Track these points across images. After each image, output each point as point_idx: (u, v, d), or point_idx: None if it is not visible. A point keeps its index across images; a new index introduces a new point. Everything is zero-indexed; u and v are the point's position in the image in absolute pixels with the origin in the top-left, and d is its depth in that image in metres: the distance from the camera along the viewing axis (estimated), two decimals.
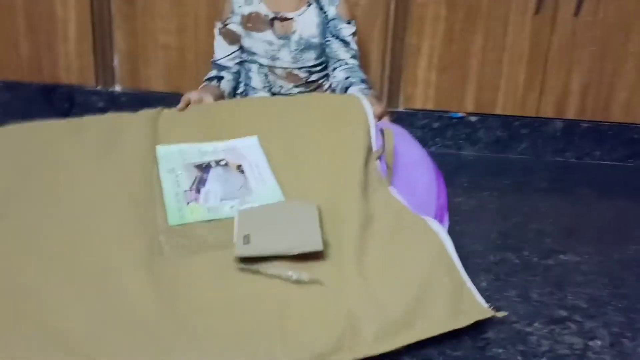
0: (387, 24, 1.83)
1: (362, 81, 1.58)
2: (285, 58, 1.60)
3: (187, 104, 1.42)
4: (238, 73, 1.65)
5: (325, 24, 1.61)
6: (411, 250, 1.13)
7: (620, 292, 1.22)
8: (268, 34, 1.58)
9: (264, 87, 1.63)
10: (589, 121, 1.89)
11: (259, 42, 1.59)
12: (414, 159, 1.36)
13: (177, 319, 0.96)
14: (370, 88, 1.57)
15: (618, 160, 1.92)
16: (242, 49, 1.63)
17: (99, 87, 1.87)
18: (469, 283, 1.10)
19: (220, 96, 1.55)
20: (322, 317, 0.99)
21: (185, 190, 1.22)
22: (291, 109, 1.41)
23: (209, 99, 1.45)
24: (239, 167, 1.28)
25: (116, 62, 1.86)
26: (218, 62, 1.63)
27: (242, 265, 1.06)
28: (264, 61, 1.60)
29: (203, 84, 1.59)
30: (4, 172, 1.20)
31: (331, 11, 1.60)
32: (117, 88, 1.88)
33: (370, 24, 1.82)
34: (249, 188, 1.24)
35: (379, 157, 1.31)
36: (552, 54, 1.83)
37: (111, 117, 1.35)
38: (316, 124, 1.36)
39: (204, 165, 1.27)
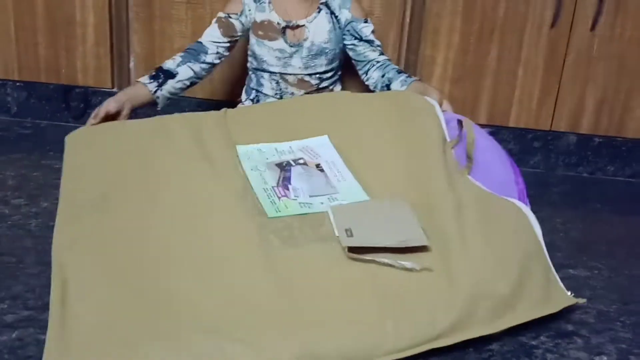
0: (402, 35, 1.83)
1: (399, 72, 1.58)
2: (297, 65, 1.60)
3: (102, 120, 1.37)
4: (208, 67, 1.57)
5: (339, 28, 1.61)
6: (508, 233, 1.18)
7: (629, 309, 1.20)
8: (280, 43, 1.59)
9: (275, 94, 1.63)
10: (603, 136, 1.88)
11: (271, 50, 1.59)
12: (486, 146, 1.37)
13: (297, 304, 1.01)
14: (409, 76, 1.56)
15: (631, 176, 1.90)
16: (232, 47, 1.61)
17: (114, 89, 1.88)
18: (553, 269, 1.15)
19: (147, 104, 1.49)
20: (439, 300, 1.04)
21: (273, 187, 1.24)
22: (355, 106, 1.43)
23: (126, 112, 1.41)
24: (317, 165, 1.30)
25: (132, 64, 1.88)
26: (201, 41, 1.56)
27: (353, 255, 1.09)
28: (275, 69, 1.61)
29: (141, 80, 1.50)
30: (102, 169, 1.23)
31: (344, 15, 1.60)
32: None
33: (385, 34, 1.82)
34: (333, 186, 1.26)
35: (453, 147, 1.33)
36: (567, 67, 1.82)
37: (187, 116, 1.37)
38: (383, 118, 1.39)
39: (284, 164, 1.29)
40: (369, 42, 1.62)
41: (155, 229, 1.12)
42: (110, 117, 1.39)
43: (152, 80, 1.49)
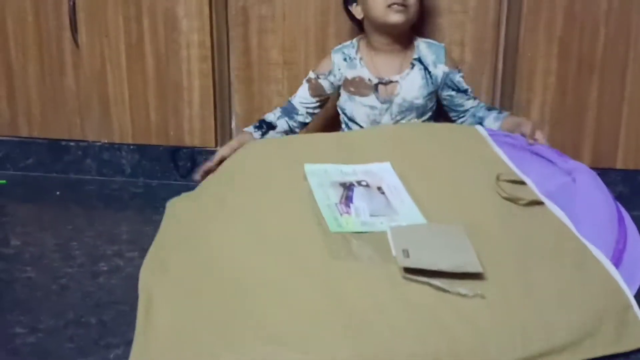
0: (495, 80, 1.82)
1: (489, 109, 1.60)
2: (386, 121, 1.63)
3: (220, 162, 1.58)
4: (299, 125, 1.70)
5: (432, 84, 1.63)
6: (574, 275, 1.16)
7: None
8: (372, 99, 1.62)
9: None
10: None
11: (361, 106, 1.63)
12: (596, 192, 1.37)
13: (356, 318, 1.05)
14: (500, 111, 1.58)
15: None
16: (322, 106, 1.68)
17: (217, 147, 1.99)
18: (635, 307, 1.11)
19: None
20: (490, 331, 1.03)
21: (336, 203, 1.30)
22: (417, 135, 1.52)
23: None
24: (379, 188, 1.34)
25: (234, 124, 1.99)
26: (292, 101, 1.68)
27: (408, 276, 1.12)
28: (364, 124, 1.64)
29: (247, 129, 1.71)
30: (191, 214, 1.43)
31: (440, 69, 1.62)
32: None
33: (477, 80, 1.81)
34: (393, 208, 1.29)
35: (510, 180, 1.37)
36: None
37: (260, 144, 1.61)
38: (442, 148, 1.46)
39: (347, 184, 1.35)
40: (465, 91, 1.63)
41: (231, 252, 1.23)
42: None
43: (256, 130, 1.67)
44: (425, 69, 1.62)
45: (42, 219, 1.74)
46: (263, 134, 1.67)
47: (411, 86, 1.61)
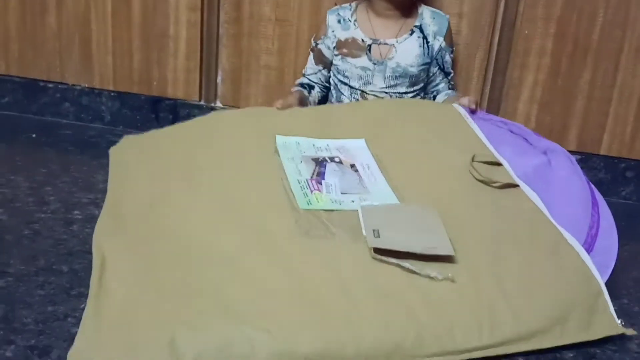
0: (490, 55, 1.79)
1: (449, 89, 1.64)
2: (379, 84, 1.60)
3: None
4: (325, 88, 1.69)
5: (428, 55, 1.60)
6: (546, 261, 1.14)
7: None
8: (363, 60, 1.59)
9: None
10: None
11: (354, 68, 1.60)
12: (572, 177, 1.35)
13: (321, 298, 1.02)
14: (453, 91, 1.64)
15: None
16: (328, 69, 1.66)
17: (201, 102, 1.94)
18: (606, 295, 1.10)
19: (305, 105, 1.61)
20: (459, 314, 1.02)
21: (307, 179, 1.26)
22: (395, 112, 1.47)
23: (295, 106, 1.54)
24: (352, 166, 1.31)
25: (219, 79, 1.94)
26: (307, 76, 1.67)
27: (378, 257, 1.09)
28: (356, 84, 1.62)
29: (294, 89, 1.63)
30: (150, 174, 1.34)
31: (438, 42, 1.59)
32: (218, 104, 1.95)
33: (471, 54, 1.79)
34: (365, 187, 1.26)
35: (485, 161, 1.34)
36: None
37: (233, 113, 1.54)
38: (419, 127, 1.42)
39: (320, 159, 1.31)
40: (447, 74, 1.62)
41: (192, 222, 1.18)
42: None
43: (303, 89, 1.68)
44: (425, 38, 1.59)
45: (16, 160, 1.68)
46: (309, 93, 1.67)
47: (407, 53, 1.58)
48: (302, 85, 1.68)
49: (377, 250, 1.09)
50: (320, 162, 1.30)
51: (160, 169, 1.35)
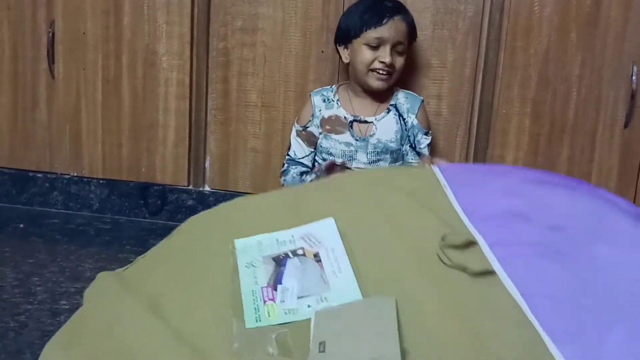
0: (470, 134, 1.85)
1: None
2: (362, 159, 1.65)
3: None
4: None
5: (404, 130, 1.65)
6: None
7: None
8: (346, 136, 1.64)
9: None
10: None
11: (337, 144, 1.65)
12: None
13: None
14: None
15: None
16: (317, 148, 1.70)
17: (190, 187, 1.96)
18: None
19: None
20: None
21: (263, 287, 1.19)
22: (368, 182, 1.34)
23: None
24: (315, 255, 1.23)
25: (208, 164, 1.97)
26: (299, 160, 1.70)
27: None
28: (340, 161, 1.66)
29: (307, 178, 1.69)
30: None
31: (411, 119, 1.65)
32: (207, 188, 1.97)
33: (452, 133, 1.84)
34: (326, 281, 1.20)
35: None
36: None
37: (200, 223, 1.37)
38: (392, 198, 1.26)
39: (281, 257, 1.24)
40: (419, 154, 1.66)
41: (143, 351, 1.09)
42: None
43: (302, 175, 1.70)
44: (400, 115, 1.64)
45: (4, 251, 1.68)
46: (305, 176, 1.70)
47: (386, 129, 1.63)
48: (301, 173, 1.70)
49: None
50: (280, 261, 1.22)
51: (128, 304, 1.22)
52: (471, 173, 1.32)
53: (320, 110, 1.67)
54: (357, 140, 1.63)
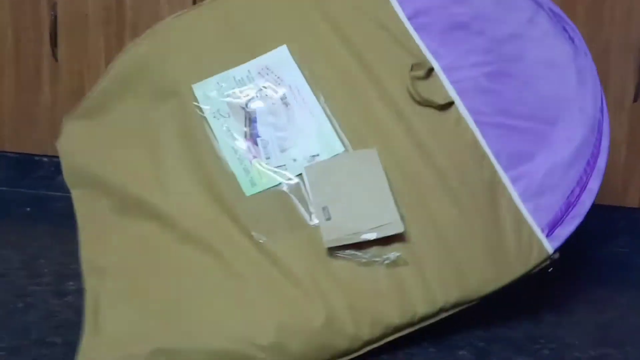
0: None
1: None
2: None
3: None
4: None
5: None
6: (479, 211, 1.08)
7: None
8: None
9: None
10: None
11: None
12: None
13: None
14: None
15: None
16: None
17: None
18: (537, 231, 1.08)
19: None
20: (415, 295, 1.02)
21: (243, 147, 1.06)
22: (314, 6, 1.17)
23: None
24: (282, 98, 1.10)
25: None
26: None
27: (336, 254, 1.01)
28: None
29: None
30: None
31: None
32: None
33: None
34: (300, 128, 1.07)
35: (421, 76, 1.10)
36: None
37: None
38: (343, 20, 1.14)
39: (247, 102, 1.09)
40: None
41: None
42: None
43: None
44: None
45: (9, 235, 1.68)
46: None
47: None
48: None
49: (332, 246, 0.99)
50: (247, 107, 1.07)
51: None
52: None
53: None
54: None
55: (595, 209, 1.82)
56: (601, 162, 1.08)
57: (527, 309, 1.38)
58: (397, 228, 1.01)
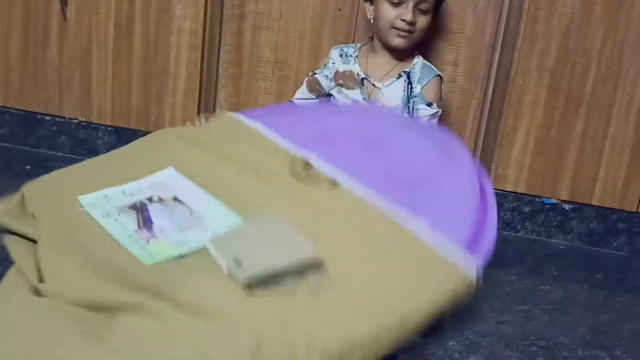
0: (484, 103, 1.82)
1: None
2: None
3: None
4: None
5: (409, 98, 1.62)
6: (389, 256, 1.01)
7: None
8: (357, 93, 1.62)
9: None
10: None
11: (347, 99, 1.63)
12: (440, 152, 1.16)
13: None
14: None
15: None
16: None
17: None
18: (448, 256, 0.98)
19: None
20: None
21: (136, 230, 1.05)
22: (186, 139, 1.28)
23: None
24: (175, 199, 1.12)
25: None
26: (296, 100, 1.69)
27: (254, 292, 0.93)
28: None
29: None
30: None
31: (416, 89, 1.61)
32: None
33: (466, 101, 1.82)
34: (200, 216, 1.09)
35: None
36: None
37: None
38: (220, 145, 1.26)
39: (137, 204, 1.11)
40: None
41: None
42: None
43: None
44: (410, 83, 1.62)
45: (9, 192, 1.67)
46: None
47: (393, 96, 1.61)
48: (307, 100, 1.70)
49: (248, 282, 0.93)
50: (139, 208, 1.10)
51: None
52: (275, 112, 1.46)
53: (334, 64, 1.65)
54: (365, 98, 1.62)
55: (595, 210, 1.84)
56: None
57: (520, 306, 1.40)
58: (310, 253, 0.98)
